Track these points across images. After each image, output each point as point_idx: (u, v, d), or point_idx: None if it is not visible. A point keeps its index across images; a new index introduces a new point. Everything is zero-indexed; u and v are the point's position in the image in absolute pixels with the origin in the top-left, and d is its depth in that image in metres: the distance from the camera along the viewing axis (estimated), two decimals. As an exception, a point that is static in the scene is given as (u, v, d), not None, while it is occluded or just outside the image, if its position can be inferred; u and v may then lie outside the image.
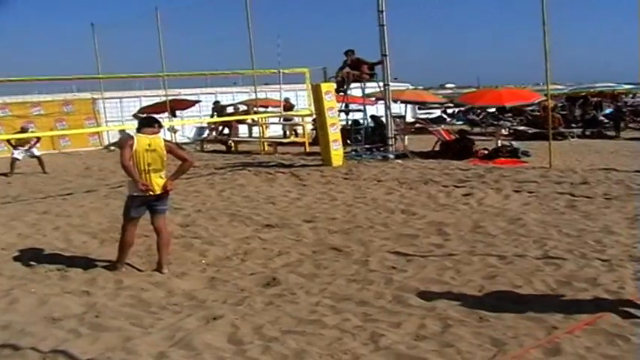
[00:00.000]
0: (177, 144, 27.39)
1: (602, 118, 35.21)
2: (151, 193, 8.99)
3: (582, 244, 9.72)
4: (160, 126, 9.57)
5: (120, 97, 34.13)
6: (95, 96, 33.29)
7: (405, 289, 7.94)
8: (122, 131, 24.03)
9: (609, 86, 46.44)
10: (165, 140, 9.31)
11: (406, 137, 26.12)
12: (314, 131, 27.42)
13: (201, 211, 13.59)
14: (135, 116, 9.13)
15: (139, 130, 9.23)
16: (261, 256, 9.89)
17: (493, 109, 38.58)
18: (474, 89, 53.12)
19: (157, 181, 9.02)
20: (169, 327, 6.91)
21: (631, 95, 51.95)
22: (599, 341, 6.09)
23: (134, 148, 8.92)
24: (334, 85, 21.67)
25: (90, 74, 29.25)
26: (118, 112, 33.45)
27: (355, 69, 22.27)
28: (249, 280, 8.67)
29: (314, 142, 26.15)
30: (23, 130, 23.17)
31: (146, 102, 32.67)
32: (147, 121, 9.58)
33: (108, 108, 33.22)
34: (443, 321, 6.79)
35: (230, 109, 33.79)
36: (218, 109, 32.50)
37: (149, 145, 8.98)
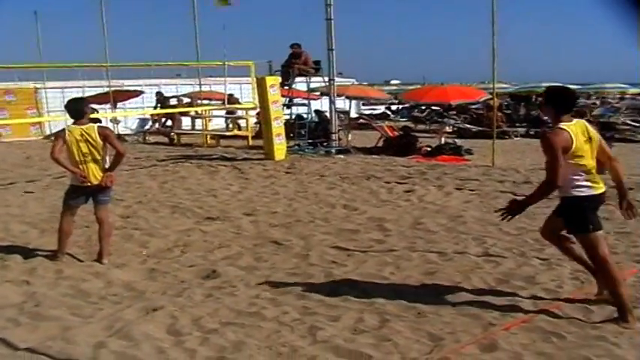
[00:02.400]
0: (118, 135, 27.22)
1: (546, 117, 35.62)
2: (89, 184, 8.91)
3: (522, 242, 9.83)
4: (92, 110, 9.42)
5: (62, 87, 33.65)
6: (37, 85, 32.83)
7: (345, 283, 7.98)
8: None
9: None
10: (99, 127, 9.18)
11: (350, 133, 26.18)
12: (257, 125, 27.36)
13: (142, 203, 13.50)
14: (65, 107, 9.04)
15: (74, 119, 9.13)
16: (201, 248, 9.87)
17: (438, 107, 38.88)
18: (419, 86, 53.47)
19: (96, 172, 8.94)
20: (108, 317, 6.87)
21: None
22: (534, 338, 6.18)
23: (66, 139, 8.86)
24: (279, 79, 21.65)
25: (33, 63, 28.85)
26: (60, 102, 33.03)
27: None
28: (189, 271, 8.64)
29: (257, 135, 26.11)
30: None
31: (89, 92, 32.16)
32: (77, 107, 9.32)
33: (50, 98, 32.78)
34: (381, 315, 6.84)
35: (173, 101, 33.57)
36: (161, 100, 32.27)
37: (82, 134, 8.90)
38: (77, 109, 9.23)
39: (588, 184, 6.57)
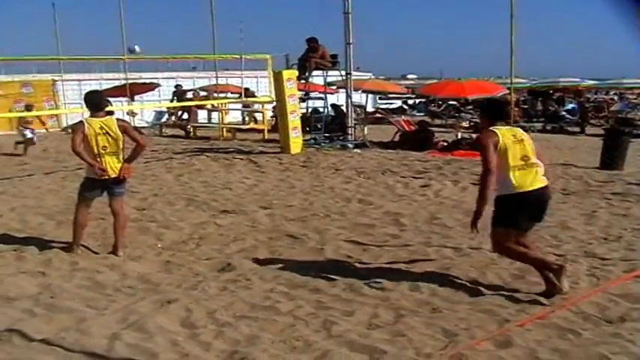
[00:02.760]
0: (135, 128, 27.28)
1: (563, 113, 35.49)
2: (107, 177, 8.91)
3: (538, 238, 9.73)
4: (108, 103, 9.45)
5: (80, 80, 33.79)
6: (55, 78, 32.92)
7: (360, 278, 7.96)
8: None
9: (573, 82, 46.72)
10: (118, 120, 9.20)
11: (366, 127, 26.11)
12: (274, 118, 27.34)
13: (157, 195, 13.52)
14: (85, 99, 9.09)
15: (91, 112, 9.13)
16: (216, 241, 9.87)
17: (454, 102, 38.77)
18: (436, 80, 53.29)
19: (113, 164, 8.93)
20: (123, 309, 6.88)
21: (594, 91, 52.41)
22: (550, 335, 6.15)
23: (85, 132, 8.83)
24: (296, 73, 21.60)
25: (50, 55, 28.95)
26: (77, 95, 33.14)
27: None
28: (204, 265, 8.66)
29: (273, 129, 26.08)
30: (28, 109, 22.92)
31: (106, 85, 32.37)
32: (95, 100, 9.37)
33: (67, 90, 32.90)
34: (396, 311, 6.82)
35: (189, 95, 33.62)
36: (179, 93, 32.31)
37: (101, 127, 8.88)
38: (96, 101, 9.25)
39: (513, 182, 7.27)
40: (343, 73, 22.53)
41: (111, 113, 9.71)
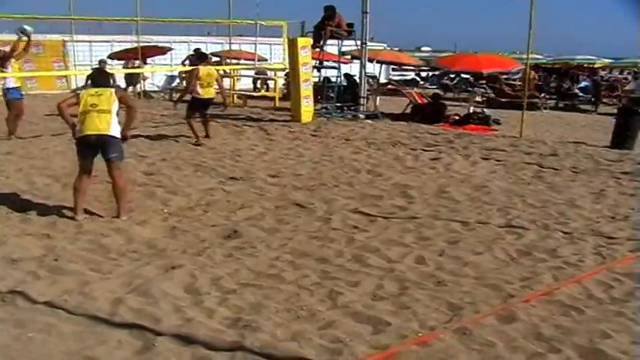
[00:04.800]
0: (144, 92, 27.25)
1: (577, 91, 35.31)
2: (90, 133, 8.92)
3: (546, 215, 9.78)
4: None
5: (90, 41, 33.67)
6: (65, 38, 32.76)
7: (366, 249, 7.96)
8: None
9: (589, 59, 46.39)
10: (117, 89, 9.32)
11: (378, 98, 26.00)
12: (285, 86, 27.23)
13: (166, 160, 13.48)
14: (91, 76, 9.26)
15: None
16: (223, 208, 9.85)
17: (467, 76, 38.56)
18: (450, 53, 53.02)
19: (99, 122, 8.94)
20: (127, 274, 6.89)
21: (608, 70, 52.06)
22: (553, 311, 6.17)
23: (80, 95, 9.12)
24: (311, 41, 21.47)
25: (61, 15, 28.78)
26: (87, 56, 33.05)
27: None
28: (211, 231, 8.63)
29: (285, 97, 25.99)
30: None
31: (117, 47, 32.20)
32: (102, 80, 9.69)
33: (78, 51, 32.77)
34: (401, 282, 6.82)
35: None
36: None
37: (96, 92, 9.08)
38: (102, 82, 9.58)
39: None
40: (358, 42, 22.38)
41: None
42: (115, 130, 9.05)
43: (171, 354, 5.12)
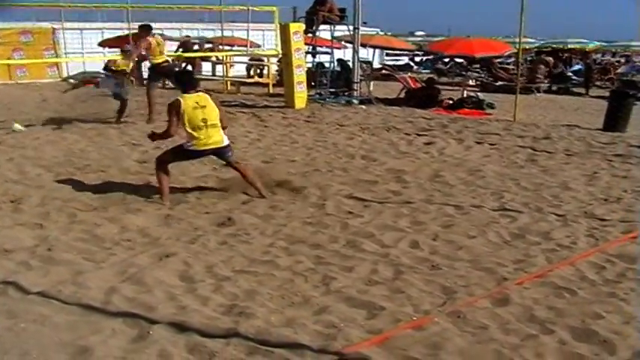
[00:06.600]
0: (141, 75, 27.10)
1: (570, 74, 35.33)
2: (206, 148, 9.47)
3: (539, 198, 9.81)
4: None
5: (81, 29, 33.52)
6: (55, 26, 32.55)
7: (360, 234, 7.96)
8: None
9: (581, 42, 46.41)
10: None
11: (372, 83, 25.97)
12: (278, 72, 27.17)
13: (160, 148, 13.41)
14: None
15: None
16: (217, 195, 9.83)
17: (461, 60, 38.53)
18: (444, 38, 52.97)
19: (215, 135, 9.34)
20: (121, 262, 6.88)
21: (600, 53, 52.13)
22: (547, 293, 6.20)
23: (181, 109, 9.21)
24: (303, 26, 21.42)
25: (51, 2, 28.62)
26: (78, 44, 32.91)
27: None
28: (204, 218, 8.62)
29: (278, 83, 25.94)
30: None
31: (108, 35, 32.07)
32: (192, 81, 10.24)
33: (68, 39, 32.61)
34: (395, 267, 6.83)
35: (196, 47, 33.30)
36: (188, 45, 31.91)
37: (197, 103, 9.25)
38: (194, 84, 10.01)
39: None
40: (351, 27, 22.34)
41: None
42: (225, 138, 9.56)
43: (166, 342, 5.11)
